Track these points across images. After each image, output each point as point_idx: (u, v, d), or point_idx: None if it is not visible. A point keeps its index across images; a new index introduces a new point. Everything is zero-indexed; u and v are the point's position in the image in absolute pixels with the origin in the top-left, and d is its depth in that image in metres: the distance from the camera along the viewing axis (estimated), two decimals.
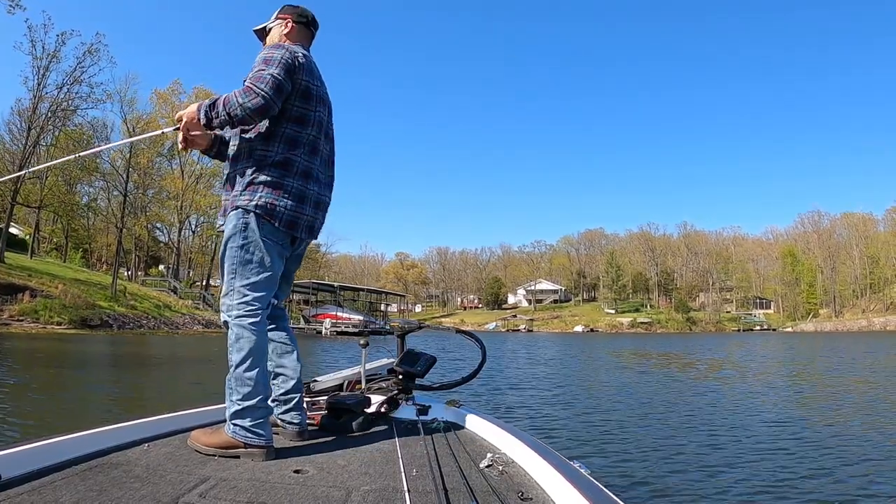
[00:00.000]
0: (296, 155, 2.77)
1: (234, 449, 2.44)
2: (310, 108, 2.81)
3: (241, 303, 2.66)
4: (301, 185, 2.77)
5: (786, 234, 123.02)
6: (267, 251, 2.70)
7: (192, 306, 51.64)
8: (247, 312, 2.64)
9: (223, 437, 2.47)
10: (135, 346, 25.36)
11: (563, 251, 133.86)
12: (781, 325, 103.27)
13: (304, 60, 2.78)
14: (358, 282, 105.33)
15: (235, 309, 2.65)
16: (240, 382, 2.55)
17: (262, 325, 2.68)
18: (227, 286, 2.70)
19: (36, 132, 43.60)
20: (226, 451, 2.43)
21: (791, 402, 11.92)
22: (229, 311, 2.66)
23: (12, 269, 36.75)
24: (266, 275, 2.71)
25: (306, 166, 2.80)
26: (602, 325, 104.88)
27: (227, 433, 2.48)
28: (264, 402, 2.59)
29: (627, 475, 6.00)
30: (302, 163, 2.78)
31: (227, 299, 2.69)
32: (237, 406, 2.52)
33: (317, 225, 2.90)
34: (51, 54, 42.74)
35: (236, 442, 2.45)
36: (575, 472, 2.12)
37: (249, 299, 2.66)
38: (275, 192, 2.69)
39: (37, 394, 10.53)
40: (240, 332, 2.61)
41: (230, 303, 2.67)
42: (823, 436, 8.24)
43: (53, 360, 17.13)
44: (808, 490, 5.59)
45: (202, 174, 64.45)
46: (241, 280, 2.68)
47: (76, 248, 64.07)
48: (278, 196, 2.70)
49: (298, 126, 2.78)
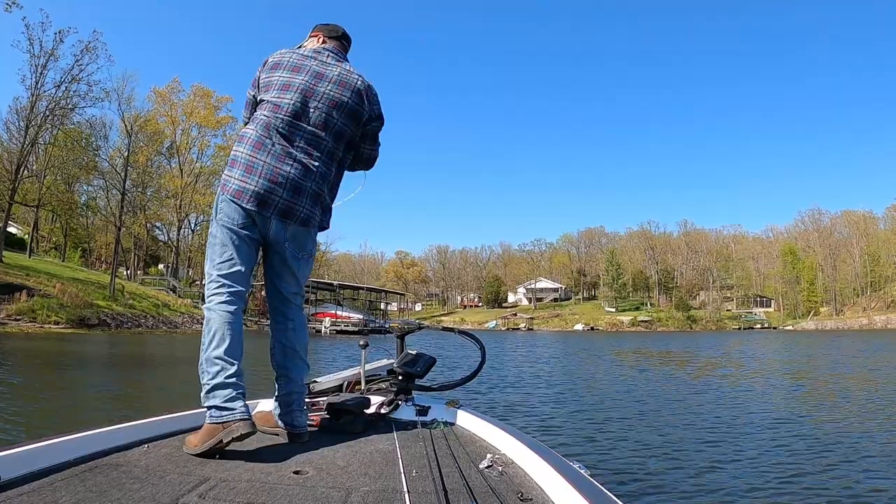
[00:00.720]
0: (250, 130, 2.80)
1: (216, 435, 2.36)
2: (268, 96, 2.84)
3: (210, 283, 2.67)
4: (249, 154, 2.73)
5: (786, 233, 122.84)
6: (226, 228, 2.67)
7: (192, 305, 51.47)
8: (213, 292, 2.64)
9: (205, 428, 2.39)
10: (130, 346, 25.21)
11: (564, 249, 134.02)
12: (782, 323, 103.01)
13: (271, 59, 2.93)
14: (358, 280, 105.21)
15: (207, 293, 2.67)
16: (209, 363, 2.52)
17: (228, 304, 2.64)
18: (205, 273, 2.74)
19: (34, 130, 43.40)
20: (209, 440, 2.35)
21: (794, 400, 11.84)
22: (207, 298, 2.67)
23: (10, 269, 36.60)
24: (228, 253, 2.67)
25: (258, 138, 2.75)
26: (602, 323, 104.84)
27: (207, 422, 2.41)
28: (233, 378, 2.51)
29: (625, 473, 5.99)
30: (254, 136, 2.76)
31: (206, 287, 2.71)
32: (207, 386, 2.48)
33: (273, 200, 2.70)
34: (49, 52, 42.54)
35: (216, 426, 2.38)
36: (575, 472, 2.13)
37: (215, 280, 2.65)
38: (230, 167, 2.72)
39: (25, 400, 10.35)
40: (208, 314, 2.60)
41: (206, 290, 2.69)
42: (827, 434, 8.15)
43: (47, 360, 17.05)
44: (809, 488, 5.56)
45: (201, 172, 64.47)
46: (210, 263, 2.69)
47: (75, 247, 64.06)
48: (231, 168, 2.71)
49: (260, 110, 2.84)
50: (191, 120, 63.86)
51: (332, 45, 3.09)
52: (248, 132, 2.79)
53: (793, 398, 12.21)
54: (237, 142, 2.79)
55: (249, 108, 2.96)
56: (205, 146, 66.06)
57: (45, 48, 42.43)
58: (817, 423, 8.97)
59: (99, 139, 54.79)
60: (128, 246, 64.65)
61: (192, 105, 63.53)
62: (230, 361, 2.54)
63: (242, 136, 2.79)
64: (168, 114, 62.98)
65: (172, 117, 63.23)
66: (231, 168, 2.70)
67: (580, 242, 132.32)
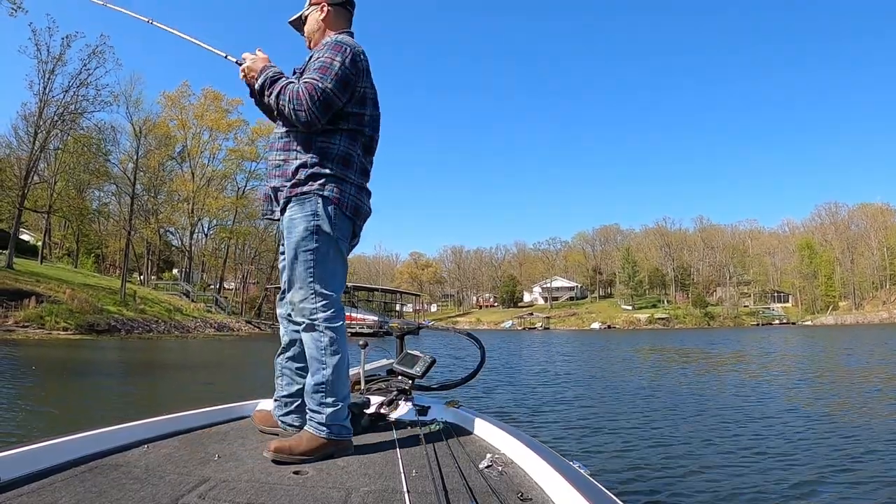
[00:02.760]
0: (354, 150, 2.77)
1: (327, 449, 2.46)
2: (364, 112, 2.79)
3: (326, 304, 2.63)
4: (359, 179, 2.80)
5: (802, 227, 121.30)
6: (339, 242, 2.71)
7: (205, 309, 51.45)
8: (334, 314, 2.64)
9: (315, 442, 2.46)
10: (134, 352, 24.74)
11: (579, 248, 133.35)
12: (800, 318, 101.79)
13: (364, 64, 2.79)
14: (373, 282, 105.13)
15: (321, 311, 2.61)
16: (341, 383, 2.60)
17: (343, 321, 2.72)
18: (304, 286, 2.64)
19: (42, 136, 43.24)
20: (321, 453, 2.44)
21: (820, 400, 11.15)
22: (313, 315, 2.61)
23: (20, 275, 36.46)
24: (343, 270, 2.77)
25: (362, 163, 2.82)
26: (619, 321, 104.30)
27: (321, 435, 2.49)
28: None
29: (626, 471, 5.96)
30: (359, 160, 2.79)
31: (308, 303, 2.62)
32: (335, 407, 2.55)
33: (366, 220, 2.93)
34: (56, 57, 42.46)
35: (330, 441, 2.48)
36: (575, 472, 2.15)
37: (333, 298, 2.66)
38: (339, 183, 2.69)
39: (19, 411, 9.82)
40: (333, 335, 2.61)
41: (312, 306, 2.62)
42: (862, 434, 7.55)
43: (48, 368, 16.49)
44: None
45: (213, 176, 64.29)
46: (321, 277, 2.64)
47: (88, 253, 64.15)
48: (342, 186, 2.70)
49: (357, 124, 2.77)
50: (201, 124, 63.66)
51: (348, 24, 3.03)
52: (354, 154, 2.77)
53: (821, 397, 11.56)
54: (344, 158, 2.73)
55: (329, 114, 2.68)
56: (216, 149, 65.91)
57: (53, 53, 42.42)
58: (853, 425, 8.28)
59: (109, 144, 54.55)
60: (141, 251, 64.55)
61: (202, 109, 63.25)
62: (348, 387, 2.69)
63: (350, 158, 2.75)
64: (178, 118, 62.83)
65: (183, 121, 63.04)
66: (342, 183, 2.70)
67: (595, 240, 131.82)
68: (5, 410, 9.06)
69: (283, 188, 2.69)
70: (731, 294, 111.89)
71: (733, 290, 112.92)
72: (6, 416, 8.57)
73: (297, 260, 2.62)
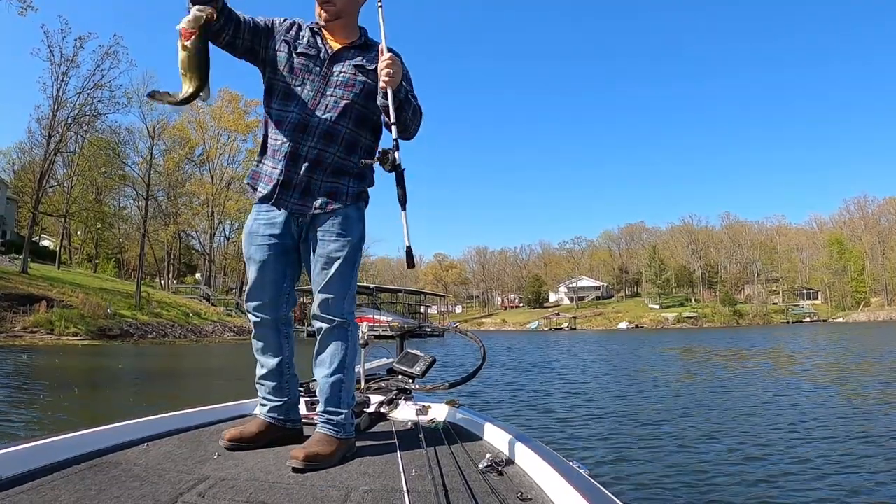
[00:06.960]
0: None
1: (344, 450, 2.42)
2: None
3: (354, 304, 2.65)
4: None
5: (830, 222, 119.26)
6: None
7: (224, 313, 50.76)
8: (354, 310, 2.65)
9: (334, 444, 2.39)
10: (136, 359, 23.42)
11: (604, 247, 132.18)
12: (832, 315, 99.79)
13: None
14: (397, 284, 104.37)
15: (349, 311, 2.61)
16: (353, 382, 2.63)
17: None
18: (346, 285, 2.57)
19: (56, 139, 42.79)
20: (341, 454, 2.39)
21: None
22: (347, 315, 2.59)
23: (34, 280, 36.01)
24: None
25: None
26: (647, 321, 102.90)
27: (339, 437, 2.44)
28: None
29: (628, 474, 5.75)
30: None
31: (347, 302, 2.59)
32: (350, 407, 2.56)
33: None
34: (69, 59, 41.96)
35: (345, 441, 2.45)
36: (575, 472, 2.09)
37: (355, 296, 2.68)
38: (369, 187, 2.71)
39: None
40: (354, 329, 2.62)
41: (349, 306, 2.60)
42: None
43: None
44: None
45: (233, 178, 63.74)
46: (356, 279, 2.65)
47: (108, 258, 64.01)
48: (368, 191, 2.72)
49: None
50: (220, 125, 63.22)
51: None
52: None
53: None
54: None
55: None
56: (235, 151, 65.42)
57: (66, 55, 41.96)
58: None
59: (128, 147, 54.18)
60: (161, 255, 64.29)
61: (220, 110, 62.81)
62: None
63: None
64: (196, 119, 62.39)
65: (200, 122, 62.60)
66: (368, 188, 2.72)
67: (621, 239, 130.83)
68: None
69: (334, 183, 2.55)
70: (759, 291, 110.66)
71: (762, 288, 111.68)
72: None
73: (346, 261, 2.54)
